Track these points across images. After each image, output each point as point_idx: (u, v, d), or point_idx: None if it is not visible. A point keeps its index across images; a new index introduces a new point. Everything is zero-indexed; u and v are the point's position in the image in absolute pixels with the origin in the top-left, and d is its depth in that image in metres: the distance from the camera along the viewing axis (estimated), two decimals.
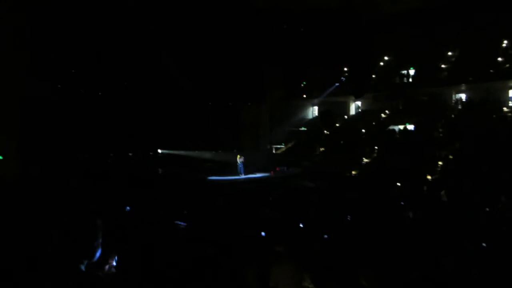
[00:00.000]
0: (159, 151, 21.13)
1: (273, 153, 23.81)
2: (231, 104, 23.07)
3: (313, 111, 27.42)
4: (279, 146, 24.27)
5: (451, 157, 14.81)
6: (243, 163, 18.43)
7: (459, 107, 19.92)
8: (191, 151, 20.46)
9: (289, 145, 23.95)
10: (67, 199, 6.66)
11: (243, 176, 18.09)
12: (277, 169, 20.02)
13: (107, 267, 2.62)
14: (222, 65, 19.36)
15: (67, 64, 15.41)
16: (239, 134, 22.23)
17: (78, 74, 16.37)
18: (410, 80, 21.73)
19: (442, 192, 10.61)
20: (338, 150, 19.54)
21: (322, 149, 21.44)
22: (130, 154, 19.38)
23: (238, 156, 18.51)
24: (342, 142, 20.75)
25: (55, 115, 14.40)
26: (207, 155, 21.30)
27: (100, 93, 18.19)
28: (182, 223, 5.67)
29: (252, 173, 18.89)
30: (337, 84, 24.04)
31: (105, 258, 2.58)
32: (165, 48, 17.14)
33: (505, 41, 18.79)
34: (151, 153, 20.57)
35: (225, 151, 21.30)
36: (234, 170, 18.39)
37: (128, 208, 6.71)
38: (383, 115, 21.84)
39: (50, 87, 14.33)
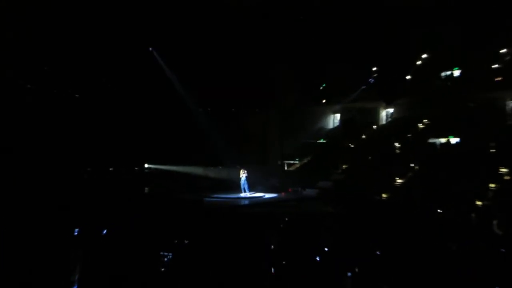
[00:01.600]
0: (146, 166, 21.67)
1: (285, 170, 24.10)
2: (233, 110, 23.54)
3: (334, 119, 27.56)
4: (292, 162, 24.52)
5: (507, 178, 14.61)
6: (247, 178, 18.73)
7: None
8: (184, 166, 20.98)
9: (305, 160, 24.05)
10: (37, 227, 6.90)
11: (247, 195, 18.46)
12: (290, 189, 20.29)
13: None
14: (223, 64, 20.12)
15: (40, 65, 16.69)
16: (243, 146, 22.54)
17: (53, 76, 17.50)
18: (455, 83, 21.57)
19: (495, 222, 10.38)
20: (365, 168, 19.51)
21: (345, 166, 21.53)
22: (110, 169, 19.75)
23: (241, 170, 18.79)
24: (369, 157, 20.77)
25: (22, 120, 15.25)
26: (203, 171, 21.82)
27: (76, 95, 18.91)
28: (167, 254, 5.70)
29: (258, 192, 19.30)
30: (363, 87, 24.25)
31: None
32: (154, 44, 18.79)
33: None
34: (136, 168, 21.11)
35: (226, 167, 21.98)
36: (236, 188, 18.78)
37: (105, 231, 6.90)
38: (420, 126, 21.83)
39: (22, 90, 15.86)
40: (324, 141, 25.46)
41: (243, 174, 18.73)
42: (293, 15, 20.00)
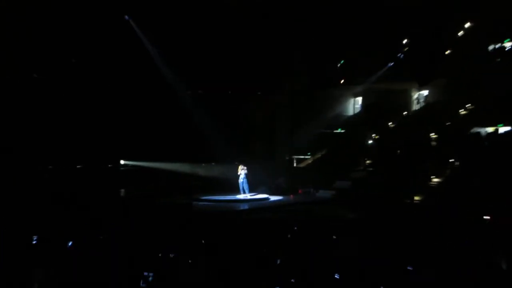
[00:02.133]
0: (122, 162, 21.82)
1: (294, 166, 24.53)
2: (230, 93, 23.72)
3: (355, 104, 27.96)
4: (302, 157, 24.89)
5: None
6: (246, 175, 18.87)
7: None
8: (168, 163, 21.18)
9: (319, 155, 24.55)
10: None
11: (247, 196, 18.75)
12: (299, 191, 20.81)
13: None
14: (218, 37, 20.47)
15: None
16: (242, 138, 22.99)
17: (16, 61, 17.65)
18: (506, 58, 21.14)
19: None
20: (393, 164, 19.74)
21: (368, 161, 21.74)
22: (78, 166, 19.79)
23: (240, 167, 18.93)
24: (398, 151, 20.84)
25: None
26: (191, 168, 22.05)
27: (34, 75, 18.94)
28: (149, 274, 5.77)
29: (260, 194, 19.69)
30: (391, 64, 24.33)
31: None
32: (131, 12, 19.16)
33: None
34: (109, 166, 21.14)
35: (220, 163, 22.27)
36: (233, 188, 19.24)
37: (70, 243, 6.94)
38: (462, 112, 21.80)
39: None
40: (342, 131, 25.81)
41: (241, 171, 18.93)
42: None
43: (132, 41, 19.96)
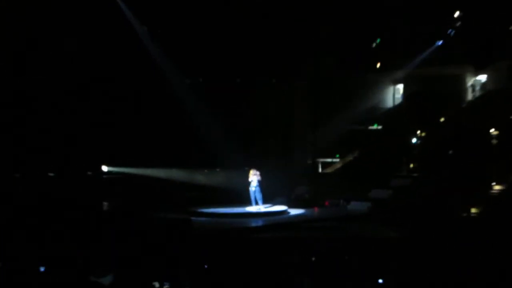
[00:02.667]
0: (105, 169, 21.86)
1: (319, 172, 24.51)
2: (239, 82, 23.76)
3: (395, 93, 27.76)
4: (329, 160, 24.78)
5: None
6: (260, 183, 18.70)
7: None
8: (161, 169, 21.35)
9: (350, 157, 24.45)
10: None
11: (260, 209, 18.63)
12: (326, 203, 20.60)
13: None
14: (223, 13, 20.75)
15: None
16: (254, 138, 23.09)
17: None
18: None
19: None
20: (444, 167, 19.57)
21: (412, 165, 21.56)
22: (50, 174, 19.93)
23: (251, 171, 18.82)
24: (450, 151, 20.69)
25: None
26: (193, 176, 22.08)
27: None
28: None
29: (277, 206, 19.49)
30: (439, 42, 24.26)
31: None
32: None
33: None
34: (89, 173, 21.23)
35: (228, 168, 22.30)
36: (242, 199, 19.19)
37: (42, 269, 7.07)
38: None
39: None
40: (379, 127, 25.71)
41: (253, 177, 18.69)
42: None
43: (114, 16, 20.40)
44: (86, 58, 19.88)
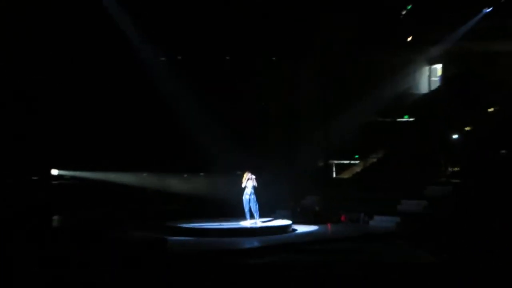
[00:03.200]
0: (55, 173, 21.79)
1: (333, 178, 24.54)
2: (229, 60, 23.75)
3: (431, 75, 27.61)
4: (346, 162, 24.67)
5: None
6: (255, 189, 18.28)
7: None
8: (127, 173, 21.65)
9: (372, 158, 24.15)
10: None
11: (256, 223, 18.38)
12: (342, 217, 20.46)
13: None
14: None
15: None
16: (249, 133, 22.86)
17: None
18: None
19: None
20: (495, 172, 19.26)
21: (454, 168, 21.32)
22: None
23: (246, 175, 18.47)
24: (503, 151, 20.59)
25: None
26: (161, 181, 22.10)
27: None
28: None
29: (279, 220, 19.28)
30: (487, 10, 23.80)
31: None
32: None
33: None
34: (35, 178, 21.07)
35: (216, 173, 22.32)
36: (233, 212, 19.08)
37: None
38: None
39: None
40: (410, 119, 25.44)
41: (248, 182, 18.38)
42: None
43: None
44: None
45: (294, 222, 19.37)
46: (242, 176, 18.61)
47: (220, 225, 18.60)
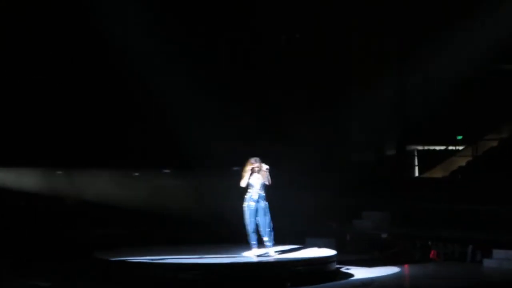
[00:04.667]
0: None
1: (414, 177, 21.51)
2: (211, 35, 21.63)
3: None
4: (438, 149, 21.17)
5: None
6: (266, 189, 14.33)
7: None
8: (53, 169, 19.68)
9: (491, 141, 20.35)
10: None
11: (268, 251, 13.79)
12: (433, 253, 16.24)
13: None
14: None
15: None
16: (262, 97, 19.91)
17: None
18: None
19: None
20: None
21: None
22: None
23: (248, 164, 13.87)
24: None
25: None
26: (107, 180, 19.51)
27: None
28: None
29: (310, 249, 15.06)
30: None
31: None
32: None
33: None
34: None
35: (194, 170, 20.32)
36: (230, 234, 16.40)
37: None
38: None
39: None
40: None
41: (252, 176, 13.52)
42: None
43: None
44: None
45: (342, 260, 13.82)
46: (245, 166, 13.40)
47: (203, 258, 12.71)
